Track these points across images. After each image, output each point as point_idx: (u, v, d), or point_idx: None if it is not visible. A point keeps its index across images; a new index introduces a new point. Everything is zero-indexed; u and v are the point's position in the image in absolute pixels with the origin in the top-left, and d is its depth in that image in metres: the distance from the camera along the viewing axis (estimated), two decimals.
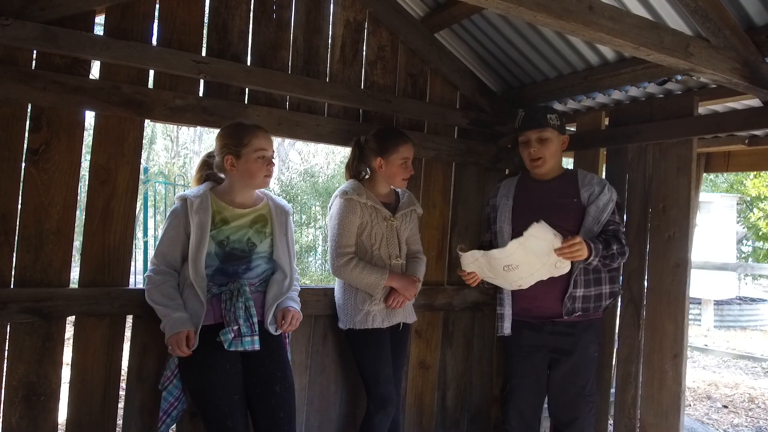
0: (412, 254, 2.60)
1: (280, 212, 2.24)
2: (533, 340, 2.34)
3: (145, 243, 7.67)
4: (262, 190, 2.25)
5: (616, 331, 2.72)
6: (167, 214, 2.14)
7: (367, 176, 2.54)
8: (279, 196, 5.74)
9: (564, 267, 2.14)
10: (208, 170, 2.21)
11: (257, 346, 2.02)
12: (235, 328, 1.99)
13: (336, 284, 2.53)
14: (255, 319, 2.04)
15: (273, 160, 2.16)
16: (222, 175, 2.18)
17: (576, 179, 2.34)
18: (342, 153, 14.20)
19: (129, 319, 2.27)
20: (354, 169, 2.55)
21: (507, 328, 2.36)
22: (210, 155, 2.22)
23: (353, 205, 2.38)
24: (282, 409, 2.07)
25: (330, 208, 2.48)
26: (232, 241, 2.10)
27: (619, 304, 2.69)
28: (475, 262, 2.19)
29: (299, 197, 11.01)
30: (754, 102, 2.38)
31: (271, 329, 2.12)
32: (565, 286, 2.23)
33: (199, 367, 1.98)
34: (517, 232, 2.32)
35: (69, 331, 2.17)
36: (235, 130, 2.12)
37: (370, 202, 2.42)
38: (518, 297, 2.33)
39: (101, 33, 2.18)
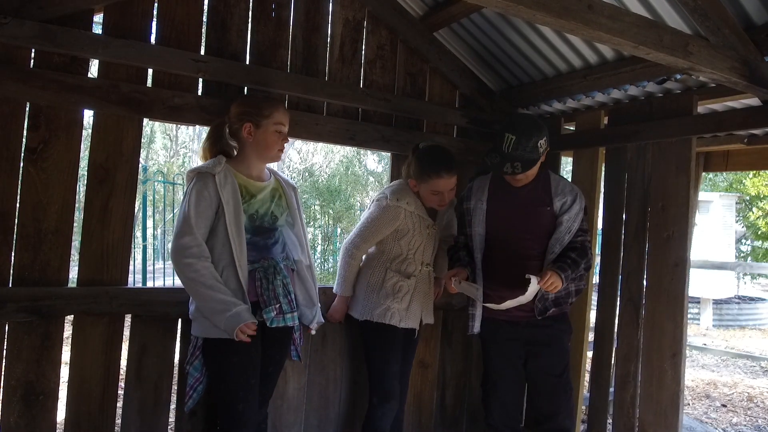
0: (446, 238, 2.61)
1: (288, 187, 2.26)
2: (509, 334, 2.35)
3: (144, 244, 7.66)
4: (268, 166, 2.25)
5: (615, 330, 2.72)
6: (187, 195, 1.99)
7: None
8: None
9: (531, 298, 2.20)
10: (220, 141, 2.15)
11: (297, 322, 2.12)
12: (277, 306, 2.04)
13: (359, 278, 2.53)
14: (293, 296, 2.11)
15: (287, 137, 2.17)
16: (234, 144, 2.15)
17: (549, 185, 2.33)
18: (341, 152, 14.20)
19: (127, 319, 2.26)
20: (403, 172, 2.57)
21: (476, 327, 2.39)
22: (221, 124, 2.16)
23: (397, 213, 2.40)
24: (266, 386, 2.18)
25: (375, 200, 2.48)
26: (261, 215, 2.10)
27: (618, 303, 2.69)
28: (467, 290, 2.24)
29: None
30: (753, 101, 2.38)
31: (313, 328, 2.24)
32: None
33: (223, 347, 1.98)
34: (490, 237, 2.35)
35: (67, 331, 2.17)
36: (258, 100, 2.16)
37: (417, 210, 2.43)
38: (491, 299, 2.31)
39: (100, 32, 2.18)
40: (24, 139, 2.06)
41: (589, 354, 2.92)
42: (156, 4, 2.29)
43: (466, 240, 2.44)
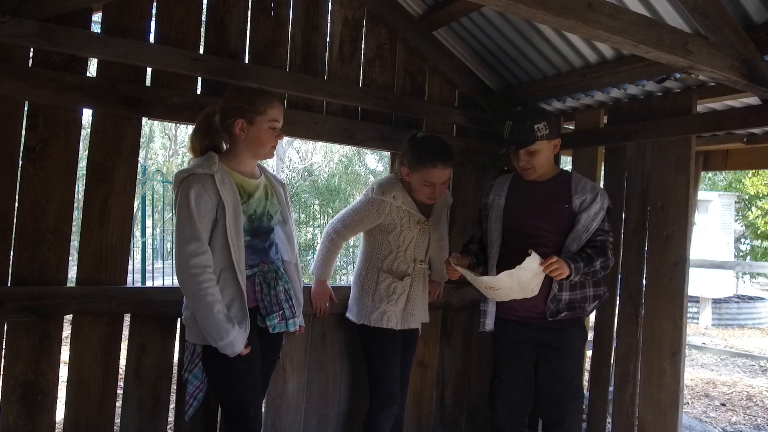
0: (435, 242, 2.57)
1: (278, 183, 2.20)
2: (520, 335, 2.32)
3: (143, 243, 7.65)
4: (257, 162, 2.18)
5: (615, 329, 2.72)
6: (185, 199, 1.86)
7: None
8: None
9: (536, 291, 2.14)
10: (210, 134, 2.02)
11: (297, 327, 2.11)
12: (280, 312, 2.02)
13: (355, 279, 2.51)
14: (294, 300, 2.09)
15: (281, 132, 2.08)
16: (225, 137, 2.04)
17: (570, 184, 2.29)
18: (340, 151, 14.20)
19: (126, 318, 2.26)
20: (397, 163, 2.53)
21: (489, 324, 2.36)
22: (210, 114, 2.03)
23: (381, 207, 2.35)
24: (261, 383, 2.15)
25: (364, 193, 2.44)
26: (259, 215, 2.04)
27: (618, 302, 2.69)
28: (464, 272, 2.19)
29: (299, 196, 11.01)
30: (753, 100, 2.38)
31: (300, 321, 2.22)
32: (549, 288, 2.20)
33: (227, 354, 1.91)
34: (507, 233, 2.32)
35: (66, 330, 2.17)
36: (251, 95, 2.00)
37: (405, 206, 2.37)
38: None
39: (98, 30, 2.17)
40: (23, 139, 2.06)
41: (589, 353, 2.92)
42: (155, 3, 2.28)
43: (482, 235, 2.43)
